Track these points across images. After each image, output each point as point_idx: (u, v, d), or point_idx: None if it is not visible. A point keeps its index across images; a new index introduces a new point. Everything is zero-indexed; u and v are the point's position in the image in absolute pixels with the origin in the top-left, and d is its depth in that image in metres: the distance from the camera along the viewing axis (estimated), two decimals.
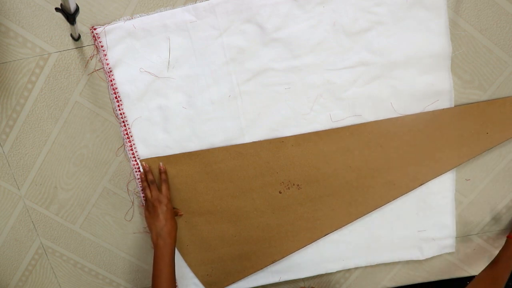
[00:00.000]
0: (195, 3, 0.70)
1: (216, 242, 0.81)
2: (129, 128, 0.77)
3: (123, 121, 0.76)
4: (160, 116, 0.76)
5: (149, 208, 0.75)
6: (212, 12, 0.70)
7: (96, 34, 0.72)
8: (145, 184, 0.77)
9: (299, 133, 0.75)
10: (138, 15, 0.71)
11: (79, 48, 0.74)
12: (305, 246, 0.81)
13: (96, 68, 0.74)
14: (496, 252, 0.83)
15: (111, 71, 0.74)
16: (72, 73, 0.75)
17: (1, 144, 0.79)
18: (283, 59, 0.72)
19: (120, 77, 0.74)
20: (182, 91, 0.75)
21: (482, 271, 0.73)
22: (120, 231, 0.84)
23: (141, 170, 0.78)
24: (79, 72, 0.75)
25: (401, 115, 0.74)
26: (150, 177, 0.77)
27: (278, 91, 0.74)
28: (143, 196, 0.79)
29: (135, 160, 0.78)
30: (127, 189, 0.81)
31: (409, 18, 0.70)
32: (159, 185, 0.77)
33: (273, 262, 0.82)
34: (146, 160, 0.78)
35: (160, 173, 0.77)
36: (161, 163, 0.76)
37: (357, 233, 0.81)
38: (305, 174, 0.77)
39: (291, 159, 0.76)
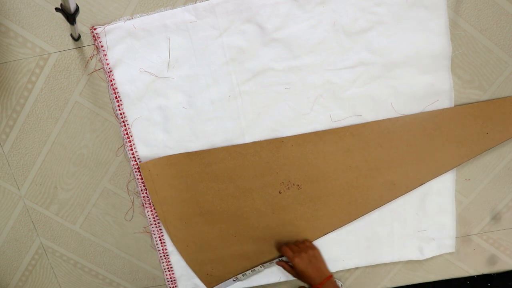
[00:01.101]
0: (195, 3, 0.70)
1: (216, 242, 0.81)
2: (129, 128, 0.77)
3: (123, 121, 0.76)
4: (160, 116, 0.76)
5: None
6: (212, 12, 0.70)
7: (96, 34, 0.72)
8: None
9: (299, 133, 0.75)
10: (138, 15, 0.71)
11: (79, 48, 0.74)
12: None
13: (96, 68, 0.74)
14: (497, 252, 0.84)
15: (111, 71, 0.74)
16: (72, 73, 0.75)
17: (1, 144, 0.79)
18: (283, 59, 0.73)
19: (120, 77, 0.74)
20: (182, 91, 0.75)
21: None
22: (120, 231, 0.84)
23: (141, 170, 0.78)
24: (79, 72, 0.75)
25: (401, 115, 0.74)
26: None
27: (278, 91, 0.74)
28: (145, 197, 0.79)
29: (135, 160, 0.78)
30: (127, 189, 0.81)
31: (409, 18, 0.70)
32: None
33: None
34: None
35: None
36: None
37: (357, 233, 0.81)
38: (305, 174, 0.77)
39: (291, 159, 0.76)
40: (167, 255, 0.84)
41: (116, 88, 0.75)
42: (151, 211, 0.81)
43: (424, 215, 0.80)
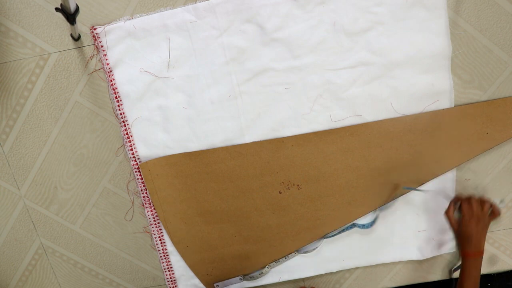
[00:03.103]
0: (195, 3, 0.70)
1: (216, 242, 0.81)
2: (129, 128, 0.77)
3: (123, 121, 0.76)
4: (160, 116, 0.76)
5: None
6: (212, 12, 0.70)
7: (96, 34, 0.72)
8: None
9: (299, 133, 0.75)
10: (138, 15, 0.71)
11: (79, 48, 0.74)
12: (305, 246, 0.81)
13: (96, 68, 0.74)
14: (497, 252, 0.84)
15: (111, 71, 0.74)
16: (72, 73, 0.75)
17: (1, 144, 0.79)
18: (283, 59, 0.73)
19: (120, 77, 0.74)
20: (182, 91, 0.75)
21: None
22: (120, 231, 0.84)
23: (141, 170, 0.78)
24: (79, 72, 0.75)
25: (401, 115, 0.74)
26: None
27: (278, 91, 0.74)
28: (145, 197, 0.79)
29: (135, 160, 0.78)
30: (127, 189, 0.81)
31: (409, 18, 0.70)
32: None
33: (273, 262, 0.82)
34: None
35: None
36: None
37: (357, 233, 0.81)
38: (305, 174, 0.77)
39: (291, 159, 0.76)
40: (167, 255, 0.84)
41: (116, 88, 0.75)
42: (151, 211, 0.81)
43: (424, 215, 0.80)
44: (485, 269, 0.85)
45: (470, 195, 0.75)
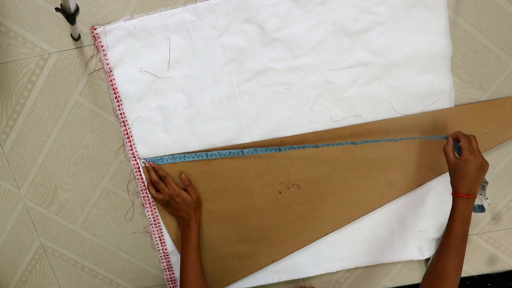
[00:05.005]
0: (195, 3, 0.71)
1: (216, 242, 0.81)
2: (129, 128, 0.77)
3: (123, 121, 0.76)
4: (160, 116, 0.76)
5: (168, 205, 0.77)
6: (212, 12, 0.70)
7: (96, 34, 0.72)
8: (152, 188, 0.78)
9: (299, 133, 0.75)
10: (138, 15, 0.72)
11: (79, 48, 0.74)
12: (305, 246, 0.81)
13: (96, 68, 0.75)
14: (497, 252, 0.84)
15: (111, 71, 0.74)
16: (72, 73, 0.75)
17: (1, 144, 0.79)
18: (283, 59, 0.73)
19: (120, 77, 0.74)
20: (182, 91, 0.75)
21: (442, 244, 0.67)
22: (120, 231, 0.84)
23: (141, 170, 0.78)
24: (79, 72, 0.75)
25: (401, 115, 0.74)
26: (154, 177, 0.77)
27: (278, 91, 0.74)
28: (145, 197, 0.79)
29: (135, 160, 0.78)
30: (127, 189, 0.81)
31: (409, 18, 0.70)
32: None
33: (273, 262, 0.82)
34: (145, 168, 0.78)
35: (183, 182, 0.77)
36: (183, 175, 0.77)
37: (357, 233, 0.81)
38: (305, 174, 0.77)
39: (291, 159, 0.76)
40: (167, 255, 0.84)
41: (116, 88, 0.75)
42: (151, 211, 0.81)
43: (424, 215, 0.80)
44: (485, 269, 0.85)
45: (470, 135, 0.68)
